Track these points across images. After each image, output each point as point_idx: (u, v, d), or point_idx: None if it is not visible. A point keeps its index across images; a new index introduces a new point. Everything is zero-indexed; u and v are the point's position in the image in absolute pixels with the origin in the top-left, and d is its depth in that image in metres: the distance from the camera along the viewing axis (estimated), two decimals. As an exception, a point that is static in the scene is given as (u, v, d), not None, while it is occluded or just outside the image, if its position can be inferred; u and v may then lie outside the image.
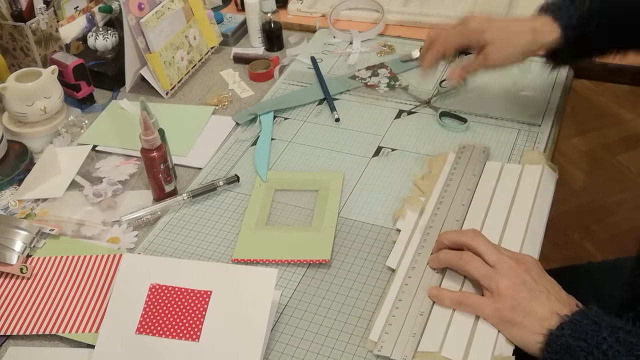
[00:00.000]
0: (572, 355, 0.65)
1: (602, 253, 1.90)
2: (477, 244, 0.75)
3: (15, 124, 1.08)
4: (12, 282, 0.85)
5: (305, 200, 0.93)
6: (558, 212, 1.97)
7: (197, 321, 0.74)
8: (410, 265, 0.80)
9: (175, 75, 1.19)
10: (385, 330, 0.73)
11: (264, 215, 0.91)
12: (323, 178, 0.96)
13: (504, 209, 0.87)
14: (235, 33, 1.31)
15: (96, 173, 1.01)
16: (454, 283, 0.77)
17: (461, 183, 0.90)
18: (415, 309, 0.75)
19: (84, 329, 0.78)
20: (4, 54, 1.16)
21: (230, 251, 0.87)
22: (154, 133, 0.89)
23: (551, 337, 0.67)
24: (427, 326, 0.73)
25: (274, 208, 0.92)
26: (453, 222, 0.85)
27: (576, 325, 0.67)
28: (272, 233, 0.88)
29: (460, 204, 0.87)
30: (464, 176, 0.91)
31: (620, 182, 2.15)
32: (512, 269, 0.72)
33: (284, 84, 1.18)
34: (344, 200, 0.93)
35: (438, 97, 1.10)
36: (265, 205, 0.93)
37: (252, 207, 0.92)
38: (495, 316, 0.71)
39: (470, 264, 0.74)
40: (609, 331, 0.65)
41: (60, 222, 0.93)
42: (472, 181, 0.91)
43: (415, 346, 0.71)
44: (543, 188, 0.89)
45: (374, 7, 1.33)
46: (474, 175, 0.92)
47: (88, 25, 1.28)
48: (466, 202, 0.88)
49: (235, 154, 1.03)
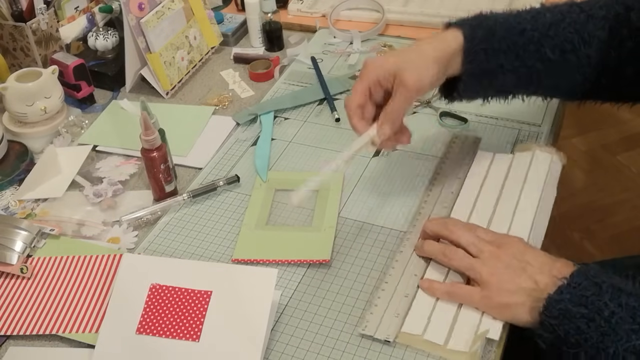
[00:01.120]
0: (571, 321, 0.64)
1: (602, 253, 1.90)
2: (458, 237, 0.77)
3: (16, 124, 1.08)
4: (12, 282, 0.85)
5: (306, 200, 0.93)
6: (558, 212, 1.96)
7: (197, 321, 0.74)
8: (398, 249, 0.82)
9: (176, 75, 1.19)
10: (370, 311, 0.75)
11: (264, 215, 0.91)
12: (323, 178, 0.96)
13: (493, 195, 0.88)
14: (235, 33, 1.31)
15: (96, 173, 1.01)
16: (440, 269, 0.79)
17: (452, 171, 0.93)
18: (400, 291, 0.77)
19: (84, 329, 0.78)
20: (4, 54, 1.16)
21: (230, 251, 0.87)
22: (154, 133, 0.89)
23: (550, 301, 0.66)
24: (411, 308, 0.75)
25: (274, 208, 0.92)
26: (441, 209, 0.87)
27: (575, 288, 0.66)
28: (272, 233, 0.88)
29: (449, 191, 0.89)
30: (454, 165, 0.94)
31: (620, 182, 2.15)
32: (494, 255, 0.74)
33: (284, 84, 1.18)
34: (344, 200, 0.93)
35: (438, 97, 1.10)
36: (266, 205, 0.93)
37: (252, 207, 0.92)
38: (485, 304, 0.72)
39: (453, 260, 0.76)
40: (610, 294, 0.64)
41: (60, 222, 0.93)
42: (462, 169, 0.93)
43: (399, 327, 0.73)
44: (533, 172, 0.91)
45: (374, 7, 1.33)
46: (464, 164, 0.94)
47: (88, 25, 1.28)
48: (455, 190, 0.90)
49: (236, 154, 1.03)
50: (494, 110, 1.05)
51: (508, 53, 0.82)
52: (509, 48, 0.82)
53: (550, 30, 0.82)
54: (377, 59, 0.83)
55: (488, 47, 0.81)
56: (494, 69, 0.83)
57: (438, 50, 0.81)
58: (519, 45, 0.82)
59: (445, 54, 0.81)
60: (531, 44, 0.82)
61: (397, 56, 0.82)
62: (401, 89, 0.79)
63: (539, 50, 0.82)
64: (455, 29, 0.83)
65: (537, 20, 0.83)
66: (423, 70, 0.79)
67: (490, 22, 0.83)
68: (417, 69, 0.79)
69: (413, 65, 0.79)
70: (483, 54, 0.81)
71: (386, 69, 0.80)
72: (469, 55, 0.81)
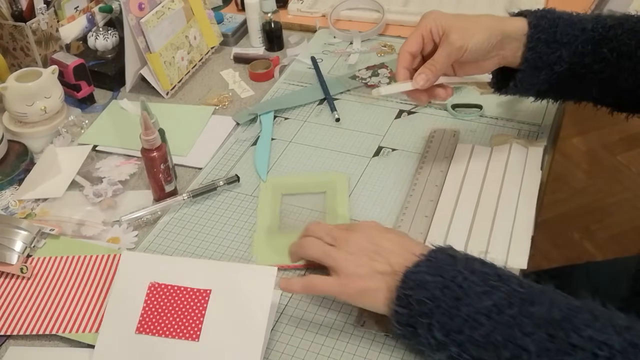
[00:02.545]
0: (427, 289, 0.65)
1: (602, 253, 1.90)
2: (313, 230, 0.77)
3: (16, 124, 1.08)
4: (12, 282, 0.85)
5: (313, 202, 0.92)
6: (558, 212, 1.97)
7: (196, 320, 0.74)
8: None
9: (176, 75, 1.19)
10: None
11: (275, 222, 0.90)
12: (328, 179, 0.95)
13: (477, 184, 0.90)
14: (235, 33, 1.31)
15: (96, 173, 1.02)
16: None
17: (434, 165, 0.94)
18: None
19: (84, 329, 0.78)
20: (4, 53, 1.16)
21: (230, 251, 0.87)
22: (154, 133, 0.89)
23: (407, 274, 0.67)
24: None
25: (284, 213, 0.91)
26: (427, 202, 0.88)
27: (431, 261, 0.67)
28: (287, 239, 0.85)
29: (434, 184, 0.91)
30: (436, 159, 0.95)
31: (620, 182, 2.15)
32: (348, 239, 0.73)
33: (284, 84, 1.18)
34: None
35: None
36: (275, 211, 0.91)
37: (261, 215, 0.91)
38: (344, 292, 0.71)
39: (309, 249, 0.76)
40: (465, 263, 0.66)
41: (60, 222, 0.93)
42: (444, 163, 0.94)
43: None
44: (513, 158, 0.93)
45: (374, 7, 1.33)
46: (445, 157, 0.95)
47: (88, 25, 1.28)
48: (439, 182, 0.91)
49: (236, 154, 1.03)
50: (494, 111, 1.05)
51: (568, 47, 0.84)
52: (569, 42, 0.84)
53: (610, 32, 0.85)
54: (435, 12, 0.87)
55: (549, 38, 0.84)
56: (554, 61, 0.85)
57: (496, 22, 0.85)
58: (579, 41, 0.84)
59: (502, 29, 0.84)
60: (590, 42, 0.85)
61: (455, 16, 0.86)
62: (444, 44, 0.83)
63: (597, 50, 0.84)
64: (519, 17, 0.86)
65: (598, 21, 0.86)
66: (471, 32, 0.83)
67: (555, 16, 0.86)
68: (466, 30, 0.83)
69: (463, 25, 0.84)
70: (545, 45, 0.84)
71: (439, 23, 0.85)
72: (530, 42, 0.84)
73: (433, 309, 0.64)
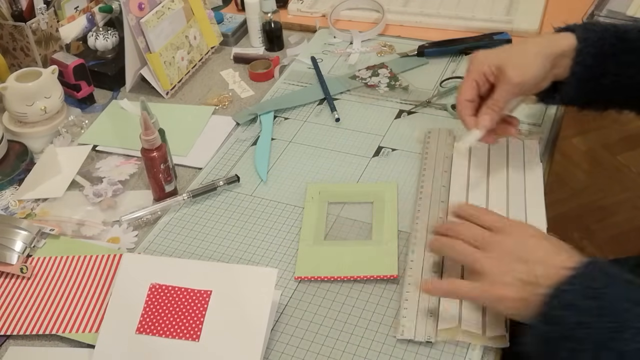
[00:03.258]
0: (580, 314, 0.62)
1: (602, 253, 1.89)
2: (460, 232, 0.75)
3: (16, 123, 1.08)
4: (12, 282, 0.85)
5: (361, 212, 0.90)
6: (558, 212, 1.97)
7: (197, 321, 0.74)
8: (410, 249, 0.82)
9: (176, 75, 1.19)
10: (403, 315, 0.75)
11: (321, 230, 0.88)
12: (377, 189, 0.93)
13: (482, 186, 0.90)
14: (235, 33, 1.31)
15: (96, 173, 1.01)
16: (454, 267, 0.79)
17: (436, 166, 0.94)
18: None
19: (84, 329, 0.78)
20: (4, 53, 1.16)
21: (230, 251, 0.87)
22: (154, 133, 0.89)
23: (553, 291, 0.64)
24: (440, 303, 0.75)
25: (330, 222, 0.90)
26: (438, 204, 0.88)
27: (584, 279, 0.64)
28: (332, 249, 0.85)
29: (440, 185, 0.91)
30: (436, 159, 0.95)
31: (620, 182, 2.15)
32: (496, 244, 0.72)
33: (284, 84, 1.18)
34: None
35: (438, 97, 1.10)
36: (321, 219, 0.89)
37: (307, 222, 0.89)
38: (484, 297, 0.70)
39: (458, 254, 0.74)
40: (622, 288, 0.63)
41: (60, 222, 0.93)
42: (445, 163, 0.94)
43: (435, 325, 0.73)
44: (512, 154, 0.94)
45: (374, 7, 1.33)
46: (446, 157, 0.95)
47: (88, 25, 1.28)
48: (446, 183, 0.91)
49: (236, 154, 1.03)
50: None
51: (614, 59, 0.84)
52: (615, 55, 0.84)
53: None
54: (482, 53, 0.86)
55: (598, 51, 0.84)
56: (601, 73, 0.85)
57: (545, 47, 0.84)
58: (625, 52, 0.84)
59: (552, 51, 0.83)
60: (634, 53, 0.84)
61: (503, 51, 0.86)
62: (503, 83, 0.83)
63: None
64: (567, 32, 0.85)
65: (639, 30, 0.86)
66: (526, 65, 0.82)
67: (601, 29, 0.86)
68: (520, 64, 0.83)
69: (516, 59, 0.83)
70: (592, 58, 0.84)
71: (490, 62, 0.84)
72: (579, 56, 0.84)
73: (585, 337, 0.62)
